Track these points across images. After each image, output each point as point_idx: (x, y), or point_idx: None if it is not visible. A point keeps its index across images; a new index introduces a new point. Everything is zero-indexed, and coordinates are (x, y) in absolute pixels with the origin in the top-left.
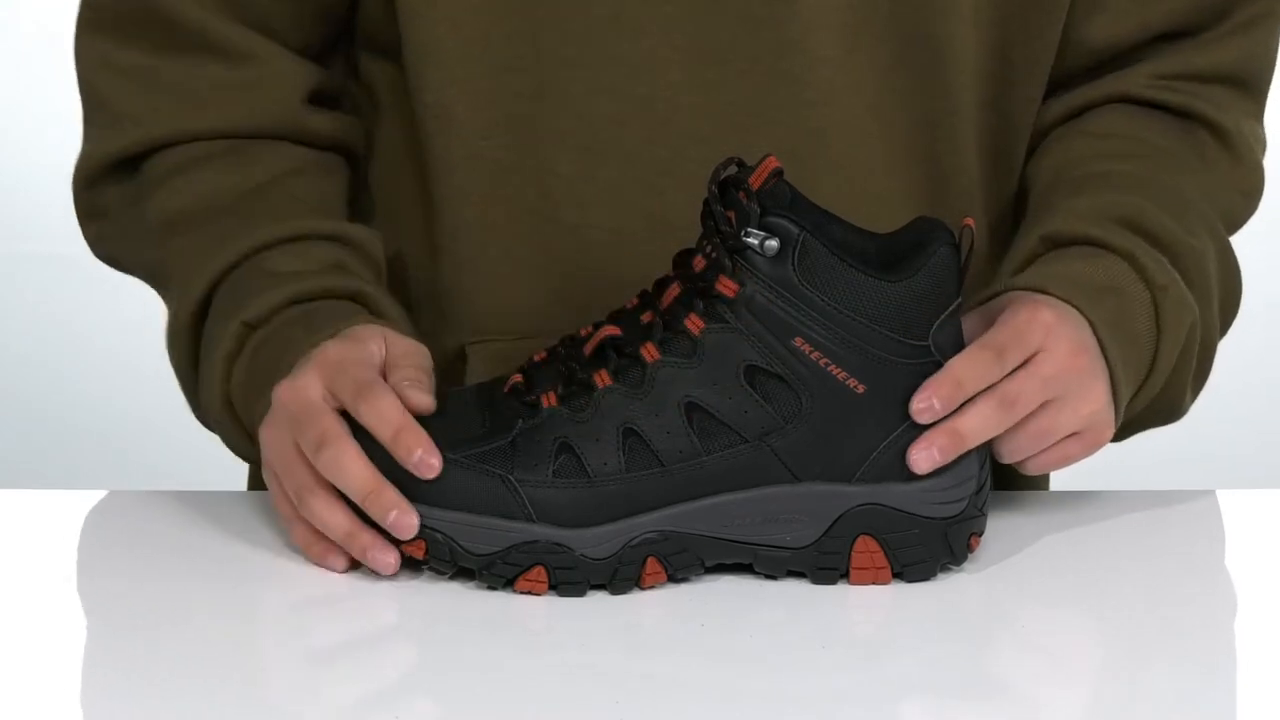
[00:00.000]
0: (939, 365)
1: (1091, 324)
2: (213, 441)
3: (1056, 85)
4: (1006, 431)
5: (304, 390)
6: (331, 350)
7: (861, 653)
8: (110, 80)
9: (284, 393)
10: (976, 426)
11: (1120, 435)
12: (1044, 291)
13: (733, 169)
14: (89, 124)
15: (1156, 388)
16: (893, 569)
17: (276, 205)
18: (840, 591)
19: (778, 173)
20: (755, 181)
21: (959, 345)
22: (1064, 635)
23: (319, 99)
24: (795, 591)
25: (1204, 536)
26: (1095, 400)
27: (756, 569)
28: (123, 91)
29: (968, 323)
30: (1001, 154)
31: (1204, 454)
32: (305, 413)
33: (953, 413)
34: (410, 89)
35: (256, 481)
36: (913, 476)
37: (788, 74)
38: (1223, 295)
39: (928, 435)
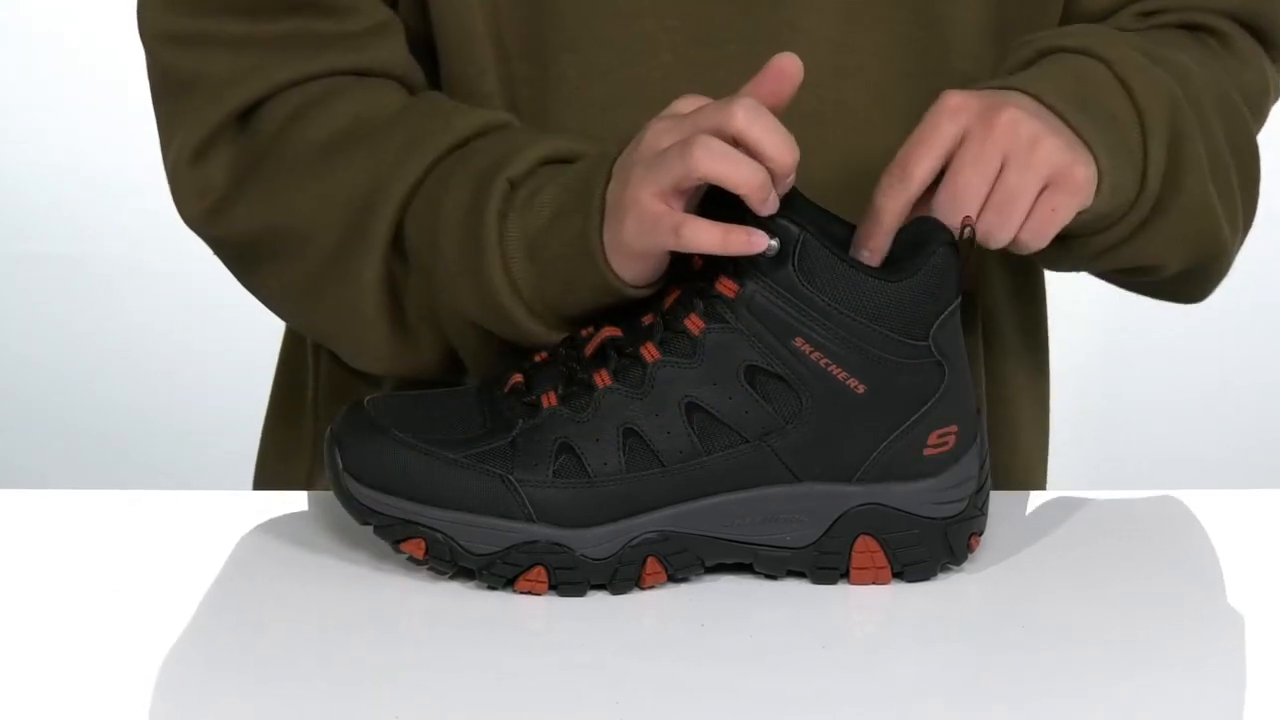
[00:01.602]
0: (939, 365)
1: (1036, 97)
2: (212, 442)
3: None
4: (981, 217)
5: (651, 138)
6: (659, 120)
7: (861, 653)
8: (202, 53)
9: (627, 153)
10: (957, 190)
11: (1164, 276)
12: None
13: None
14: (179, 104)
15: (1160, 161)
16: (893, 569)
17: (446, 109)
18: (840, 591)
19: None
20: None
21: (959, 345)
22: (1064, 635)
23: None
24: (795, 591)
25: (1205, 537)
26: (1039, 144)
27: (756, 569)
28: (218, 56)
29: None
30: None
31: (1205, 454)
32: (665, 131)
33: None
34: (447, 76)
35: (259, 482)
36: (913, 477)
37: None
38: (1227, 130)
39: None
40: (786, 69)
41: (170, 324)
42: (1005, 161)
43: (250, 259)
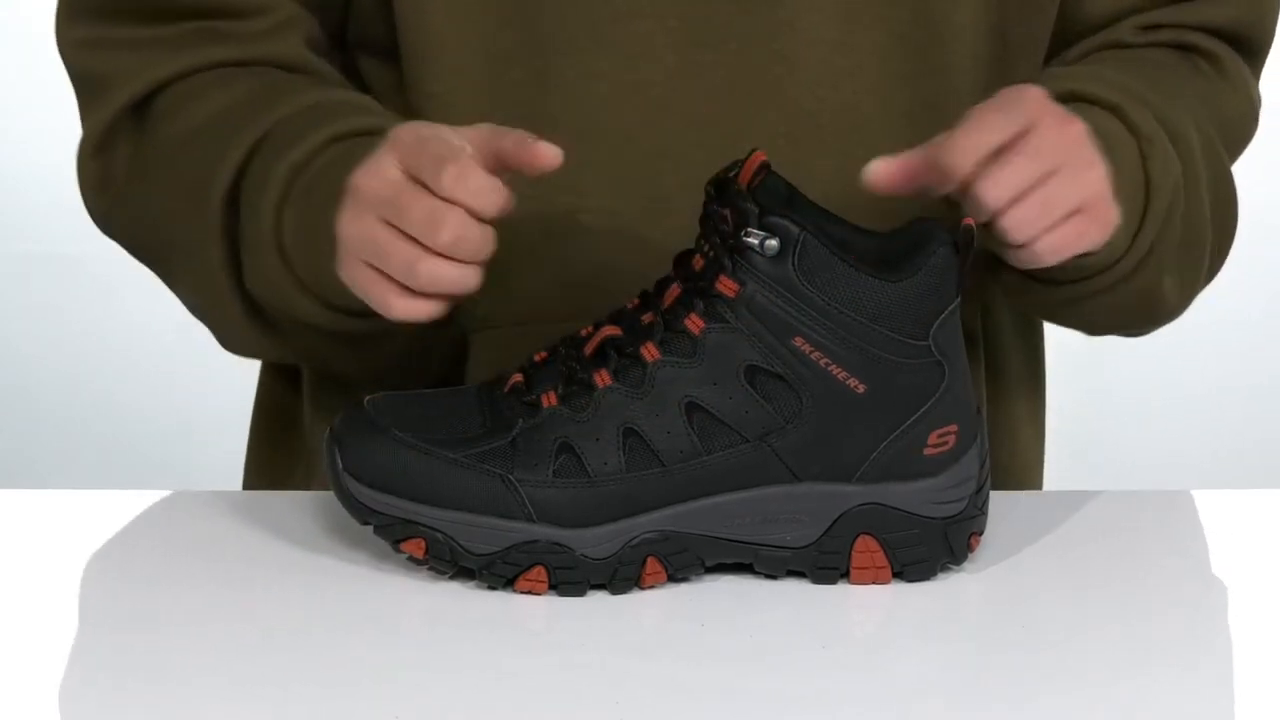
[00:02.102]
0: (939, 365)
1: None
2: (212, 442)
3: (1051, 59)
4: (1012, 205)
5: (383, 171)
6: (404, 132)
7: (861, 653)
8: (105, 54)
9: (362, 179)
10: (1003, 176)
11: (1098, 325)
12: None
13: (734, 173)
14: (87, 102)
15: (1143, 249)
16: (893, 569)
17: (296, 87)
18: (840, 591)
19: (764, 166)
20: (744, 178)
21: (959, 345)
22: (1064, 635)
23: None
24: (795, 591)
25: (1204, 537)
26: (1094, 169)
27: (756, 569)
28: (119, 55)
29: (944, 143)
30: None
31: (1204, 454)
32: (391, 190)
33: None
34: (408, 82)
35: (254, 481)
36: (913, 476)
37: (782, 55)
38: (1213, 198)
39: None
40: (542, 157)
41: (170, 324)
42: (1059, 168)
43: (147, 253)
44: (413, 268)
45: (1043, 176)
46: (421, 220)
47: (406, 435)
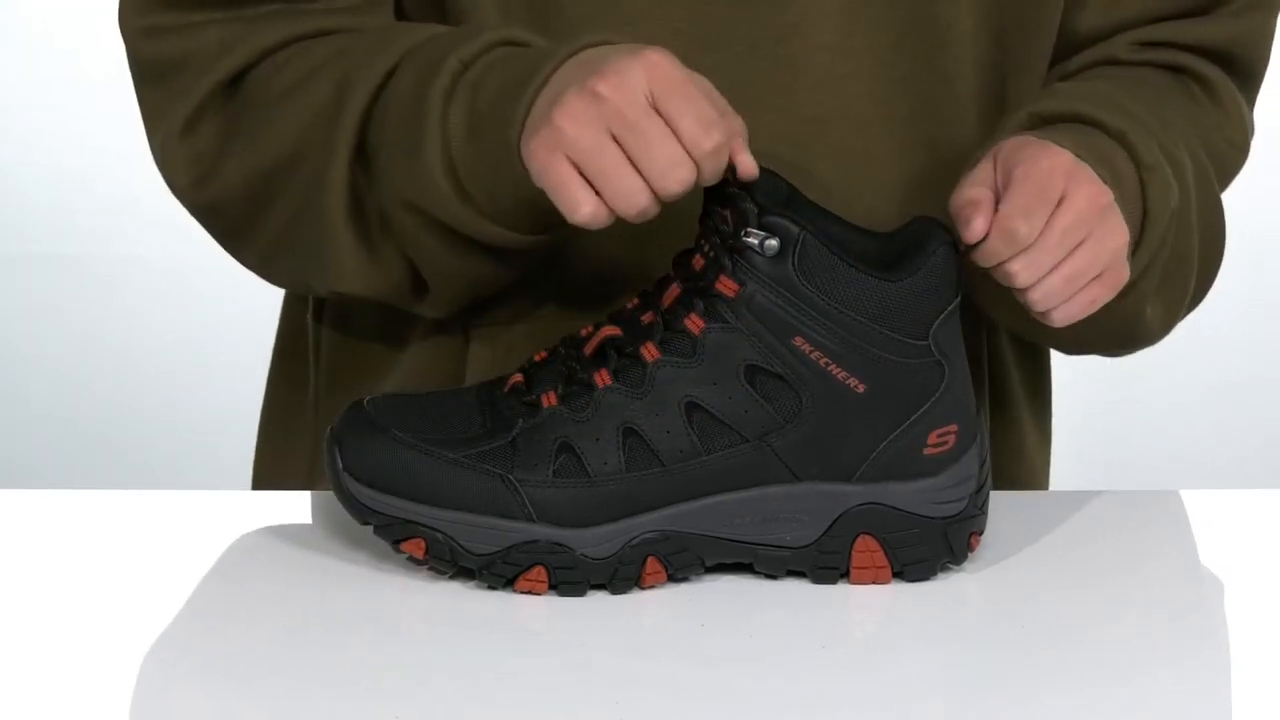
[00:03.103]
0: (939, 365)
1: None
2: (212, 442)
3: (1049, 68)
4: (1045, 282)
5: (628, 84)
6: (663, 59)
7: (861, 653)
8: (183, 38)
9: (601, 83)
10: (1023, 272)
11: (1073, 346)
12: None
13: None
14: (168, 87)
15: (1132, 276)
16: (893, 568)
17: (406, 27)
18: (840, 591)
19: (761, 167)
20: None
21: (959, 344)
22: (1064, 635)
23: None
24: (795, 591)
25: (1205, 537)
26: (1119, 234)
27: (756, 569)
28: (200, 37)
29: (976, 170)
30: None
31: (1205, 454)
32: (634, 112)
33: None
34: None
35: (258, 481)
36: (913, 476)
37: (786, 59)
38: (1202, 228)
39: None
40: (743, 166)
41: (170, 324)
42: (1085, 239)
43: (243, 216)
44: (632, 197)
45: (1071, 248)
46: (662, 163)
47: (406, 435)
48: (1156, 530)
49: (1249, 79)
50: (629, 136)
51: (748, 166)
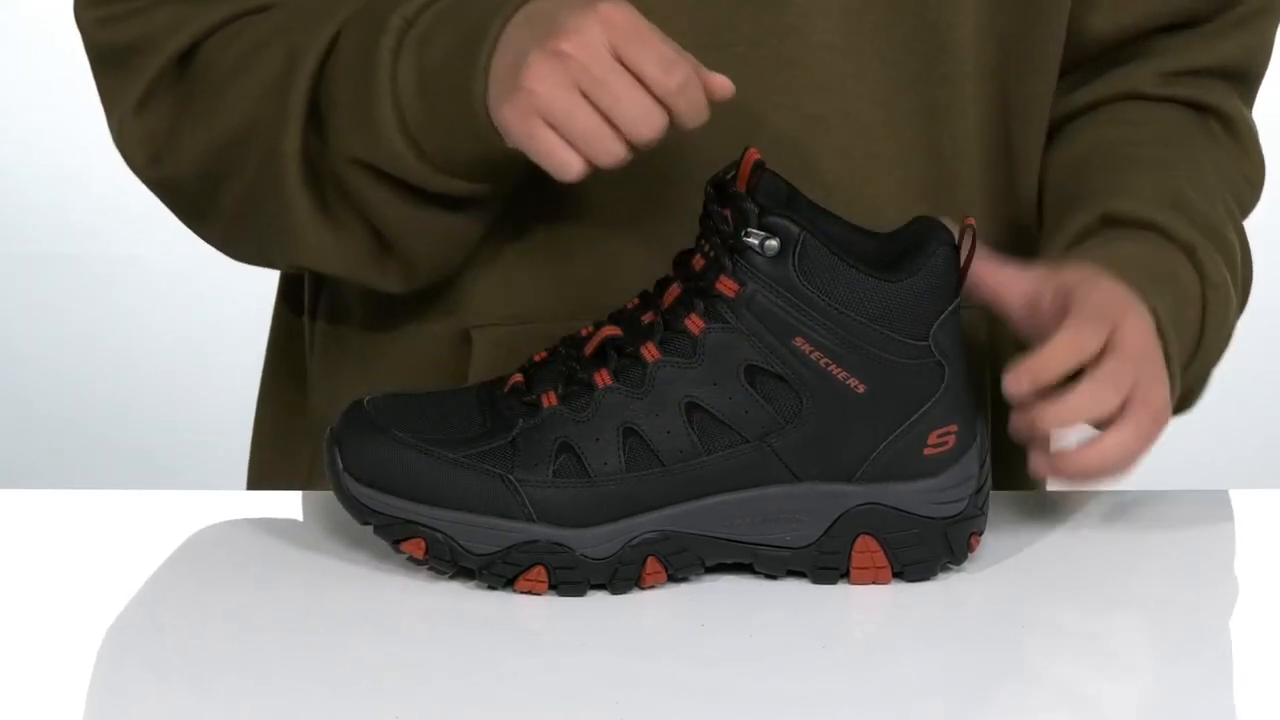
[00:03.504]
0: (939, 365)
1: (1155, 313)
2: (212, 442)
3: (1062, 77)
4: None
5: (588, 39)
6: (614, 9)
7: (861, 653)
8: (132, 23)
9: (561, 40)
10: (1085, 404)
11: None
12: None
13: (732, 174)
14: (117, 72)
15: (1188, 381)
16: (893, 569)
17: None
18: (840, 591)
19: (760, 165)
20: (742, 178)
21: (959, 345)
22: (1064, 635)
23: None
24: (795, 591)
25: (1204, 536)
26: (1158, 382)
27: (756, 569)
28: (149, 21)
29: (1025, 281)
30: (1004, 144)
31: (1205, 454)
32: (600, 68)
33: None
34: None
35: (255, 481)
36: (913, 476)
37: (788, 58)
38: (1241, 298)
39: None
40: (716, 88)
41: (170, 324)
42: (1139, 382)
43: (200, 191)
44: (610, 151)
45: (1117, 403)
46: (633, 113)
47: (406, 435)
48: (1157, 530)
49: (1252, 88)
50: (598, 91)
51: (722, 84)
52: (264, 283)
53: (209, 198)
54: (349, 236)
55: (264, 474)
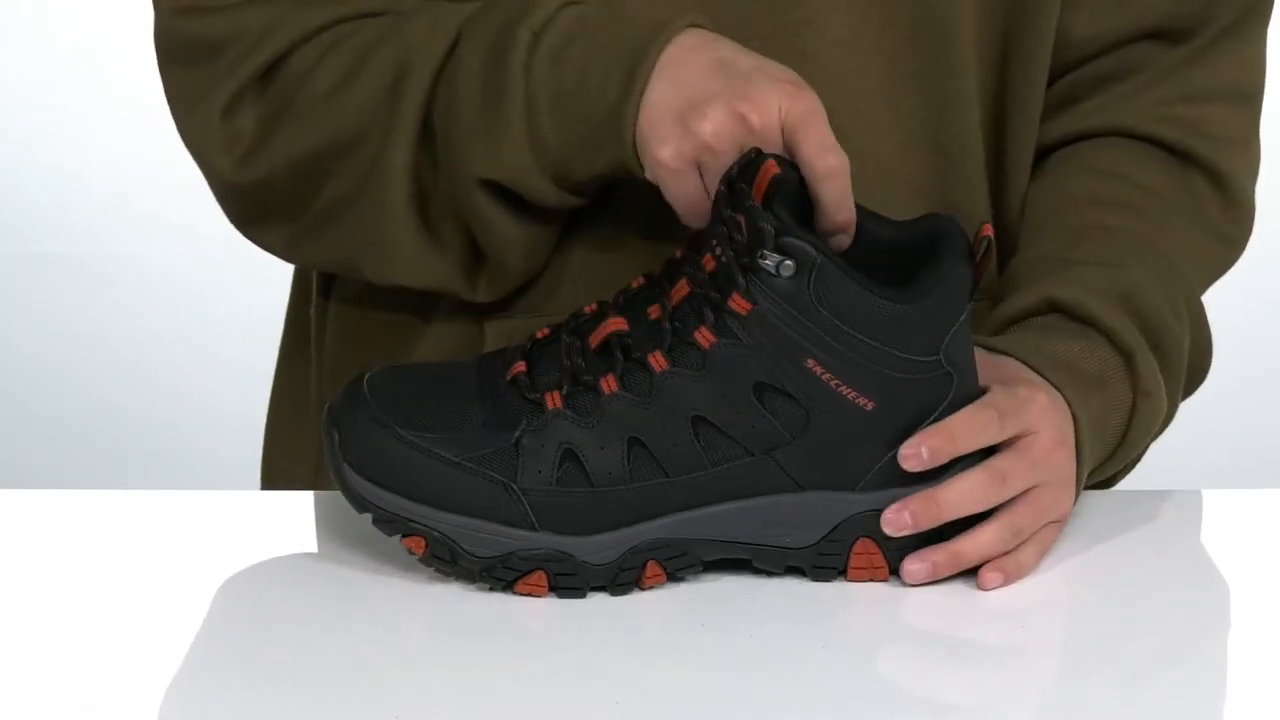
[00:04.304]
0: (949, 376)
1: (1075, 420)
2: (213, 441)
3: (1053, 80)
4: (980, 527)
5: (766, 109)
6: (775, 70)
7: (861, 653)
8: (221, 19)
9: (755, 113)
10: (962, 497)
11: None
12: (1040, 372)
13: (752, 154)
14: (208, 69)
15: (1102, 476)
16: (890, 567)
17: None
18: (840, 592)
19: (776, 180)
20: (757, 192)
21: (969, 352)
22: (1065, 636)
23: None
24: (795, 591)
25: (1205, 537)
26: (1066, 501)
27: (755, 564)
28: (251, 14)
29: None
30: (1006, 140)
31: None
32: (768, 137)
33: (938, 478)
34: None
35: (267, 481)
36: (916, 482)
37: (800, 52)
38: (1188, 377)
39: (906, 500)
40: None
41: (171, 324)
42: (1039, 488)
43: (286, 195)
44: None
45: (1024, 492)
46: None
47: (407, 433)
48: (1157, 530)
49: (1257, 101)
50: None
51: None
52: (264, 283)
53: (293, 202)
54: (447, 250)
55: (276, 464)
